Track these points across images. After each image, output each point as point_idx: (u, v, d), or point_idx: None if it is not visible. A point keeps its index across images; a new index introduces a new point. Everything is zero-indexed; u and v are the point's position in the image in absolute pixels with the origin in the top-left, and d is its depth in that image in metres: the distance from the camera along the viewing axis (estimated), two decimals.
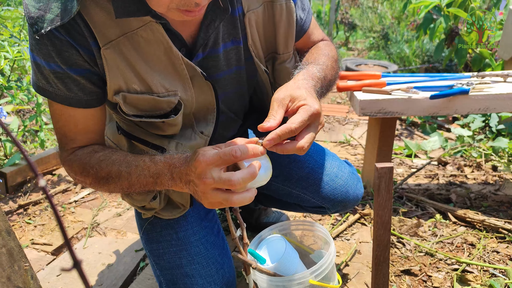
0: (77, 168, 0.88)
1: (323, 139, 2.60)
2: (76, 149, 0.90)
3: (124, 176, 0.83)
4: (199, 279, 1.02)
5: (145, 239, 1.10)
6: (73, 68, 0.80)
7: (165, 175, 0.79)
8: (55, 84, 0.81)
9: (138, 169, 0.82)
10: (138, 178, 0.82)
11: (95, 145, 0.91)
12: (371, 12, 6.40)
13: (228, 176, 0.70)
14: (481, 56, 2.49)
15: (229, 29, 0.92)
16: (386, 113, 1.51)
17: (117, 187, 0.85)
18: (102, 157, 0.86)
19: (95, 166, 0.85)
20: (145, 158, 0.83)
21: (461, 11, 2.30)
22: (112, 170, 0.84)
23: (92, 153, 0.88)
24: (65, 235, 0.23)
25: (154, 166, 0.80)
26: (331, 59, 1.03)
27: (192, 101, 0.91)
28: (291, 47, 1.01)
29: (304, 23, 1.05)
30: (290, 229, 1.20)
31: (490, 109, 1.51)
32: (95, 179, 0.86)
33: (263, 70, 0.99)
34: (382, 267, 0.90)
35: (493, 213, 1.68)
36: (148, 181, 0.81)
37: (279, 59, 1.01)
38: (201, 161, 0.71)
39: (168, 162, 0.79)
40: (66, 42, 0.77)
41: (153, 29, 0.80)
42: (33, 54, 0.79)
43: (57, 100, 0.83)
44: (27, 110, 2.79)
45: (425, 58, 4.13)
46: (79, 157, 0.88)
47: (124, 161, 0.84)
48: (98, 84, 0.84)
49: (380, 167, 0.80)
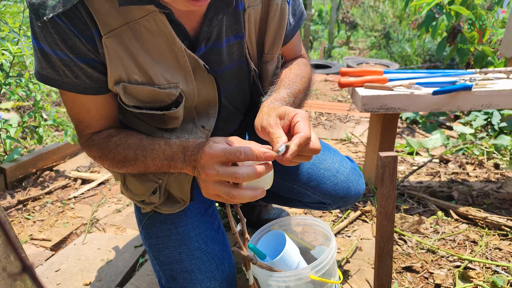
0: (95, 152, 0.91)
1: (324, 136, 2.58)
2: (92, 134, 0.92)
3: (140, 159, 0.86)
4: (199, 274, 1.01)
5: (145, 234, 1.08)
6: (79, 57, 0.79)
7: (179, 158, 0.81)
8: (63, 72, 0.81)
9: (153, 153, 0.84)
10: (153, 161, 0.85)
11: (110, 129, 0.93)
12: (372, 11, 6.39)
13: (234, 169, 0.72)
14: (483, 54, 2.48)
15: (232, 23, 0.91)
16: (388, 109, 1.50)
17: (134, 169, 0.89)
18: (118, 141, 0.88)
19: (112, 151, 0.88)
20: (160, 142, 0.85)
21: (463, 9, 2.28)
22: (128, 154, 0.87)
23: (108, 138, 0.90)
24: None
25: (169, 149, 0.83)
26: (304, 81, 1.04)
27: (193, 94, 0.90)
28: (277, 50, 1.01)
29: (293, 29, 1.05)
30: (290, 225, 1.19)
31: (493, 105, 1.49)
32: (113, 162, 0.89)
33: (252, 68, 0.98)
34: (385, 259, 0.89)
35: (495, 211, 1.67)
36: (163, 164, 0.84)
37: (263, 58, 1.01)
38: (206, 153, 0.73)
39: (182, 145, 0.82)
40: (68, 30, 0.76)
41: (157, 20, 0.79)
42: (38, 42, 0.78)
43: (64, 88, 0.83)
44: (27, 107, 2.78)
45: (426, 57, 4.12)
46: (96, 142, 0.90)
47: (140, 145, 0.86)
48: (103, 73, 0.84)
49: (383, 156, 0.78)
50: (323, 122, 2.84)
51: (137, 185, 1.00)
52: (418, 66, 3.99)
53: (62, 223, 1.68)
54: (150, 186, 0.98)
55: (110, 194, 1.91)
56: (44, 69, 0.81)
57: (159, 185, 0.99)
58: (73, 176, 2.05)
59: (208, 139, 0.78)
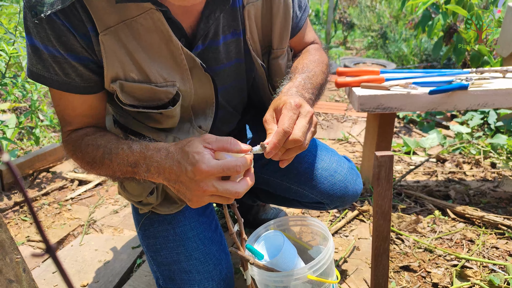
0: (70, 150, 0.88)
1: (321, 136, 2.59)
2: (71, 131, 0.90)
3: (107, 163, 0.81)
4: (197, 275, 1.01)
5: (142, 235, 1.08)
6: (71, 54, 0.79)
7: (141, 166, 0.77)
8: (52, 69, 0.80)
9: (118, 157, 0.80)
10: (118, 166, 0.80)
11: (88, 128, 0.90)
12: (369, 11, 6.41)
13: (234, 187, 0.71)
14: (480, 54, 2.48)
15: (229, 21, 0.91)
16: (384, 108, 1.50)
17: (103, 172, 0.84)
18: (90, 141, 0.85)
19: (82, 150, 0.84)
20: (124, 146, 0.81)
21: (460, 8, 2.29)
22: (96, 156, 0.83)
23: (83, 137, 0.87)
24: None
25: (132, 156, 0.78)
26: (320, 64, 1.02)
27: (190, 93, 0.89)
28: (286, 44, 1.01)
29: (300, 20, 1.04)
30: (288, 224, 1.19)
31: (489, 104, 1.50)
32: (83, 163, 0.86)
33: (260, 64, 0.98)
34: (382, 259, 0.89)
35: (492, 210, 1.67)
36: (128, 170, 0.79)
37: (273, 54, 1.01)
38: (203, 170, 0.69)
39: (143, 153, 0.77)
40: (63, 26, 0.75)
41: (153, 17, 0.79)
42: (30, 37, 0.77)
43: (53, 86, 0.82)
44: (24, 108, 2.77)
45: (423, 57, 4.13)
46: (72, 139, 0.88)
47: (107, 147, 0.82)
48: (95, 72, 0.83)
49: (380, 155, 0.79)
50: (320, 122, 2.84)
51: (134, 185, 0.99)
52: (414, 66, 4.00)
53: (59, 225, 1.67)
54: (147, 187, 0.98)
55: (107, 195, 1.90)
56: (34, 65, 0.80)
57: (156, 185, 0.99)
58: (70, 177, 2.04)
59: (184, 151, 0.72)
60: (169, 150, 0.75)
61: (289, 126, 0.75)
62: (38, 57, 0.79)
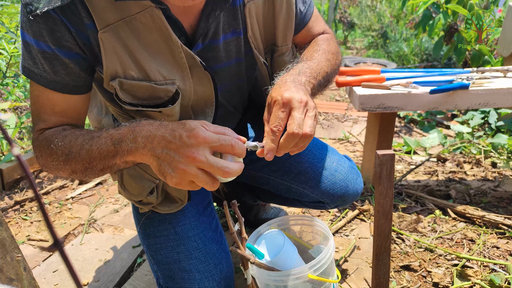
0: (43, 146, 0.83)
1: (322, 136, 2.59)
2: (45, 129, 0.86)
3: (86, 148, 0.77)
4: (197, 274, 1.01)
5: (143, 234, 1.08)
6: (63, 50, 0.78)
7: (126, 141, 0.73)
8: (41, 66, 0.79)
9: (100, 140, 0.77)
10: (99, 150, 0.76)
11: (65, 125, 0.87)
12: (369, 10, 6.40)
13: (226, 163, 0.70)
14: (480, 53, 2.48)
15: (229, 19, 0.91)
16: (385, 108, 1.50)
17: (78, 164, 0.79)
18: (68, 134, 0.81)
19: (59, 142, 0.80)
20: (109, 128, 0.79)
21: (460, 8, 2.29)
22: (74, 145, 0.79)
23: (59, 131, 0.83)
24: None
25: (118, 134, 0.76)
26: (325, 53, 1.01)
27: (190, 92, 0.89)
28: (290, 40, 1.00)
29: (304, 16, 1.04)
30: (289, 224, 1.18)
31: (490, 104, 1.50)
32: (56, 157, 0.80)
33: (262, 62, 0.98)
34: (383, 257, 0.89)
35: (492, 209, 1.67)
36: (109, 150, 0.75)
37: (278, 52, 1.00)
38: (199, 135, 0.69)
39: (133, 128, 0.75)
40: (60, 22, 0.75)
41: (153, 15, 0.79)
42: (23, 32, 0.77)
43: (41, 82, 0.81)
44: (24, 107, 2.77)
45: (423, 57, 4.12)
46: (46, 136, 0.83)
47: (87, 135, 0.79)
48: (86, 71, 0.83)
49: (381, 154, 0.78)
50: (321, 121, 2.84)
51: (134, 185, 0.99)
52: (415, 65, 4.00)
53: (59, 224, 1.67)
54: (148, 186, 0.98)
55: (108, 194, 1.91)
56: (25, 60, 0.80)
57: (156, 185, 0.99)
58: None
59: (183, 121, 0.72)
60: (163, 123, 0.75)
61: (278, 125, 0.77)
62: (28, 52, 0.79)
